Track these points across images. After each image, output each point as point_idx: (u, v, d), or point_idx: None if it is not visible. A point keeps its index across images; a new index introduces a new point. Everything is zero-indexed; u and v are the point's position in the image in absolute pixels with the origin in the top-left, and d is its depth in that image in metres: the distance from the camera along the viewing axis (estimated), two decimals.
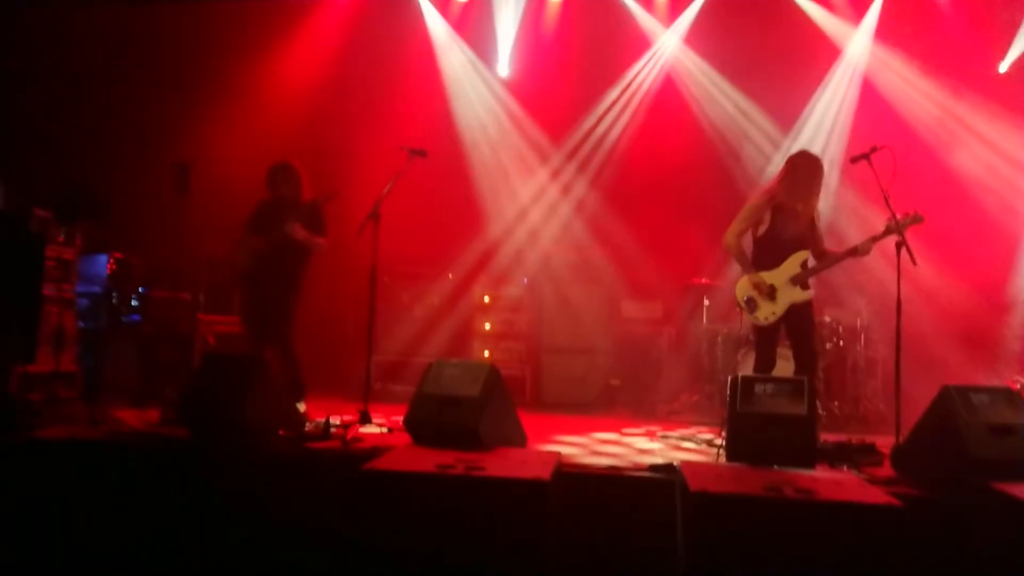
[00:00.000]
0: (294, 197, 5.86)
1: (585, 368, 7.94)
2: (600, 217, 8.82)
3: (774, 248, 5.35)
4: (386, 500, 3.43)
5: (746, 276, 5.41)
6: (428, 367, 4.63)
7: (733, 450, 4.27)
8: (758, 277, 5.33)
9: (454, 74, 9.23)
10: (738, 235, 5.48)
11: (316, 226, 5.80)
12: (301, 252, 5.84)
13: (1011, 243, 8.13)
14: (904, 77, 8.55)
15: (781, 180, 5.38)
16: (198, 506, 4.17)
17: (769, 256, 5.36)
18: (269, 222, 5.82)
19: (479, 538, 3.32)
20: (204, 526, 4.13)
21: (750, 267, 5.40)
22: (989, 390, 4.20)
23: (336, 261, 7.45)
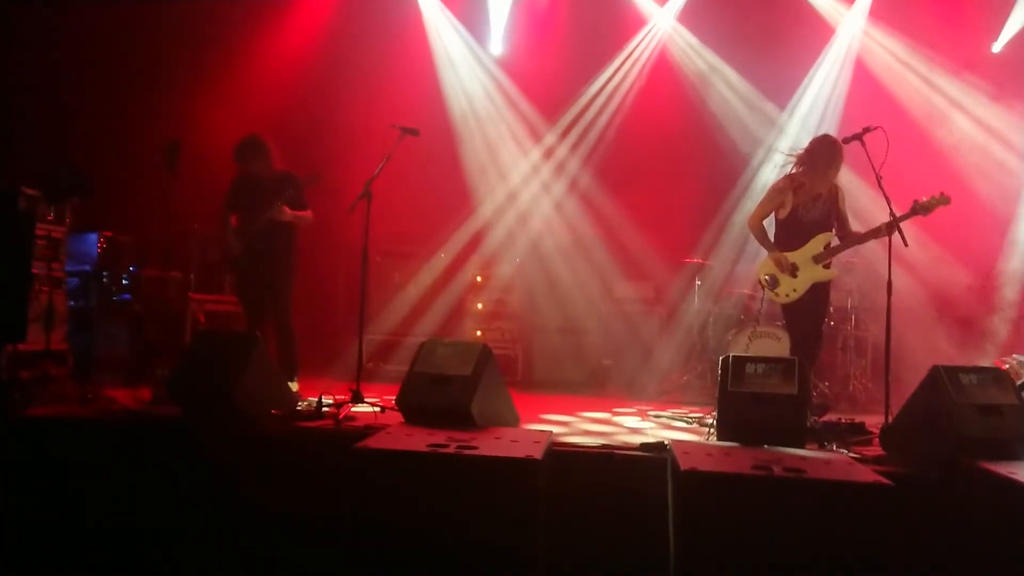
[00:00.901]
0: (265, 171, 5.84)
1: (577, 348, 7.95)
2: (592, 196, 8.81)
3: (797, 230, 5.40)
4: (378, 479, 3.44)
5: (769, 256, 5.46)
6: (420, 346, 4.64)
7: (724, 429, 4.30)
8: (780, 255, 5.38)
9: (446, 52, 9.16)
10: (761, 219, 5.57)
11: (296, 200, 5.79)
12: (291, 230, 5.84)
13: (1002, 224, 8.16)
14: (898, 57, 8.54)
15: (801, 164, 5.41)
16: (190, 484, 4.17)
17: (792, 238, 5.41)
18: (248, 199, 5.80)
19: (471, 517, 3.34)
20: (196, 504, 4.14)
21: (773, 248, 5.47)
22: (978, 370, 4.24)
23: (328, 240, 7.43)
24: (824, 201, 5.39)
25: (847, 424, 4.95)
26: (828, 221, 5.41)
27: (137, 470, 4.26)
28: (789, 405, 4.20)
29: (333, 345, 7.50)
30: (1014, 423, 4.01)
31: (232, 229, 5.90)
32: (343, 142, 8.23)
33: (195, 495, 4.15)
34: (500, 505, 3.32)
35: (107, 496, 4.23)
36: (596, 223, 8.61)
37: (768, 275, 5.46)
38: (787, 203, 5.42)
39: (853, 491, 3.19)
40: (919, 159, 7.64)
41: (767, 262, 5.47)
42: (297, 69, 8.75)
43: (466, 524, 3.33)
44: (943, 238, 7.72)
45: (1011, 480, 3.41)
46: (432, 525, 3.35)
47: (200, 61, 8.74)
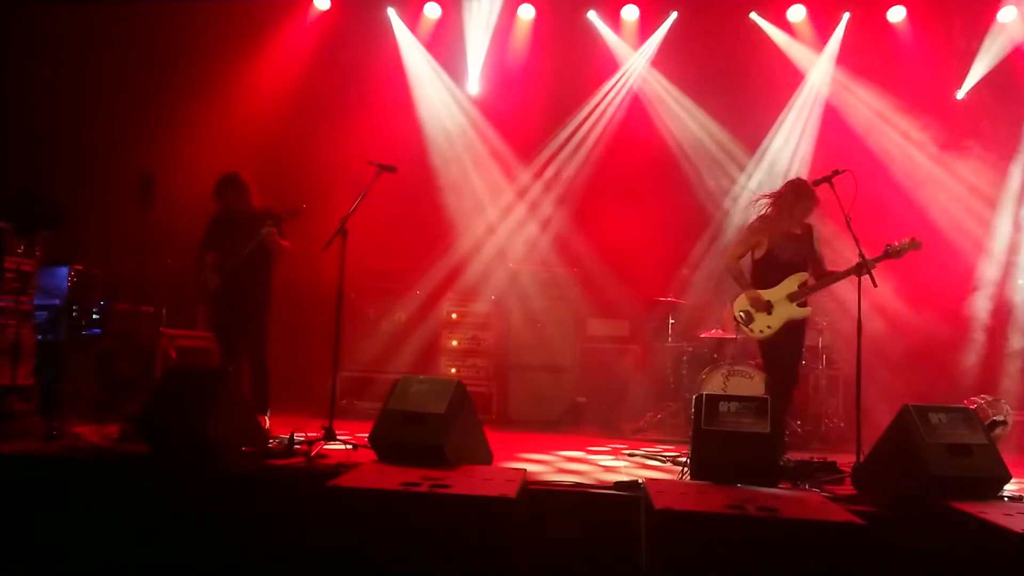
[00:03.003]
0: (245, 208, 5.85)
1: (551, 386, 7.96)
2: (567, 235, 8.88)
3: (773, 269, 5.46)
4: (350, 518, 3.39)
5: (744, 293, 5.52)
6: (394, 383, 4.61)
7: (697, 468, 4.31)
8: (756, 293, 5.45)
9: (424, 90, 9.25)
10: (737, 258, 5.62)
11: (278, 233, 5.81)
12: (267, 264, 5.84)
13: (968, 266, 8.32)
14: (865, 102, 8.76)
15: (774, 205, 5.51)
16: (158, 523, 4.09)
17: (768, 277, 5.48)
18: (227, 236, 5.80)
19: (445, 556, 3.30)
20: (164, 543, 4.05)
21: (748, 285, 5.53)
22: (947, 410, 4.28)
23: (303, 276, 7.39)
24: (798, 241, 5.47)
25: (820, 463, 4.99)
26: (803, 261, 5.48)
27: (103, 508, 4.17)
28: (762, 444, 4.22)
29: (306, 381, 7.45)
30: (983, 462, 4.06)
31: (210, 265, 5.88)
32: (320, 178, 8.23)
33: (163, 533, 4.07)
34: (474, 544, 3.29)
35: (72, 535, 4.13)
36: (571, 261, 8.67)
37: (743, 311, 5.52)
38: (762, 243, 5.49)
39: (826, 530, 3.20)
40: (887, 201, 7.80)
41: (743, 299, 5.53)
42: (274, 105, 8.78)
43: (439, 563, 3.28)
44: (912, 279, 7.86)
45: (981, 520, 3.43)
46: (405, 565, 3.30)
47: (176, 96, 8.74)
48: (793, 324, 5.40)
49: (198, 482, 4.22)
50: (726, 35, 8.84)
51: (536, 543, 3.73)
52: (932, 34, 8.51)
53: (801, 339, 5.57)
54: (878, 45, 8.67)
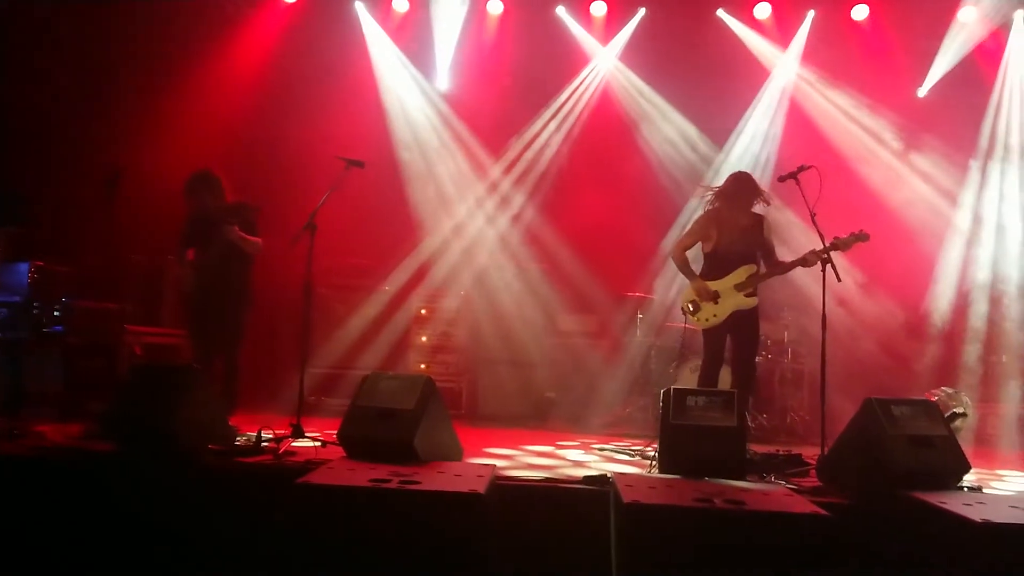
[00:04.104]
0: (218, 204, 5.79)
1: (521, 381, 7.98)
2: (537, 230, 8.89)
3: (722, 261, 5.52)
4: (320, 515, 3.37)
5: (691, 284, 5.57)
6: (363, 380, 4.60)
7: (666, 462, 4.35)
8: (702, 283, 5.50)
9: (392, 85, 9.20)
10: (683, 249, 5.68)
11: (247, 228, 5.76)
12: (244, 262, 5.79)
13: (929, 260, 8.48)
14: (829, 99, 8.88)
15: (719, 198, 5.54)
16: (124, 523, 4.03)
17: (717, 269, 5.53)
18: (202, 233, 5.74)
19: (415, 552, 3.29)
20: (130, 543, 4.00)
21: (695, 276, 5.57)
22: (909, 402, 4.37)
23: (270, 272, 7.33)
24: (748, 232, 5.52)
25: (785, 456, 5.05)
26: (752, 252, 5.53)
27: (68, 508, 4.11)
28: (729, 437, 4.27)
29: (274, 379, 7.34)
30: (944, 454, 4.14)
31: (188, 263, 5.82)
32: (287, 173, 8.17)
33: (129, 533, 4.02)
34: (443, 540, 3.29)
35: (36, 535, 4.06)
36: (540, 257, 8.69)
37: (690, 301, 5.57)
38: (712, 236, 5.55)
39: (791, 522, 3.25)
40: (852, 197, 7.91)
41: (689, 290, 5.60)
42: (242, 99, 8.67)
43: (409, 560, 3.28)
44: (875, 273, 8.00)
45: (942, 509, 3.50)
46: (375, 561, 3.29)
47: (143, 89, 8.60)
48: (741, 314, 5.44)
49: (165, 480, 4.17)
50: (693, 32, 8.91)
51: (506, 538, 3.73)
52: (894, 33, 8.64)
53: (755, 330, 5.61)
54: (842, 43, 8.79)
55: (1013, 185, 8.54)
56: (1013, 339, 7.76)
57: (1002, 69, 8.74)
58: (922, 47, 8.72)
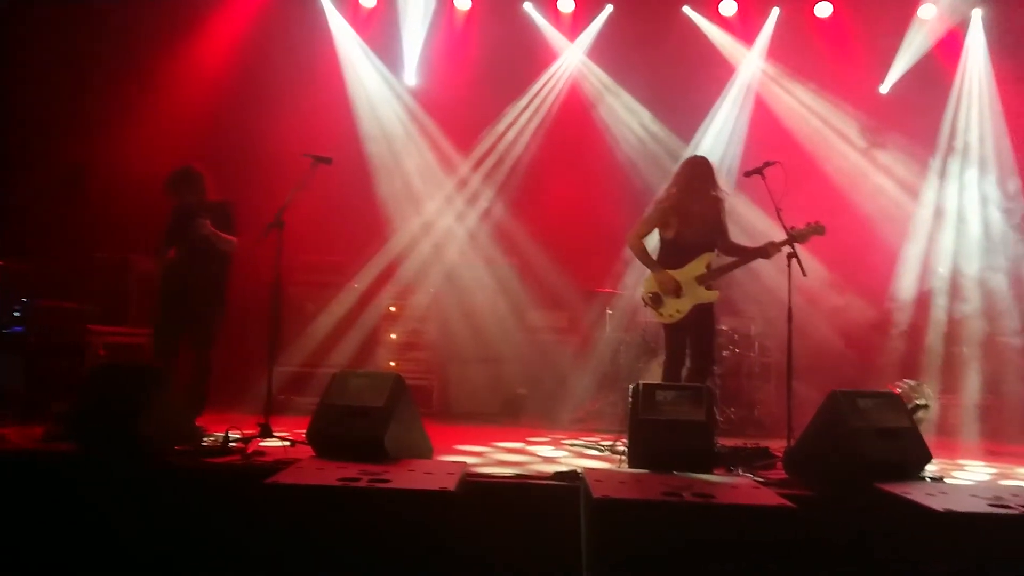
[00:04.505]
0: (199, 201, 5.72)
1: (491, 377, 7.98)
2: (506, 226, 8.89)
3: (681, 249, 5.41)
4: (289, 515, 3.35)
5: (652, 274, 5.44)
6: (332, 378, 4.57)
7: (635, 456, 4.38)
8: (665, 274, 5.36)
9: (360, 81, 9.13)
10: (641, 236, 5.55)
11: (225, 226, 5.69)
12: (222, 261, 5.71)
13: (892, 254, 8.62)
14: (793, 95, 9.00)
15: (676, 184, 5.53)
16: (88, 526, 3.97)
17: (675, 258, 5.41)
18: (183, 231, 5.66)
19: (385, 551, 3.29)
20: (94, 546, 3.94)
21: (656, 265, 5.43)
22: (874, 395, 4.44)
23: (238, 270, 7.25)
24: (705, 218, 5.44)
25: (753, 449, 5.11)
26: (711, 240, 5.45)
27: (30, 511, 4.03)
28: (698, 431, 4.31)
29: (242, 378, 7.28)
30: (907, 445, 4.22)
31: (170, 261, 5.73)
32: (254, 170, 8.07)
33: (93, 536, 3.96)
34: (414, 538, 3.29)
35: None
36: (510, 253, 8.69)
37: (651, 293, 5.42)
38: (671, 223, 5.44)
39: (758, 514, 3.29)
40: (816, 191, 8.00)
41: (650, 280, 5.44)
42: (207, 95, 8.56)
43: (379, 558, 3.27)
44: (840, 267, 8.12)
45: (906, 499, 3.57)
46: (345, 560, 3.28)
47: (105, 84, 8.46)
48: (702, 307, 5.37)
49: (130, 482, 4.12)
50: (660, 28, 8.98)
51: (477, 535, 3.73)
52: (857, 30, 8.76)
53: (713, 321, 5.54)
54: (806, 40, 8.90)
55: (972, 180, 8.71)
56: (973, 330, 7.92)
57: (961, 66, 8.91)
58: (884, 44, 8.87)
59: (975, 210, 8.62)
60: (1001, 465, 5.76)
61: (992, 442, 6.89)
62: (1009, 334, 7.82)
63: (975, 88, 8.85)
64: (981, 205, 8.60)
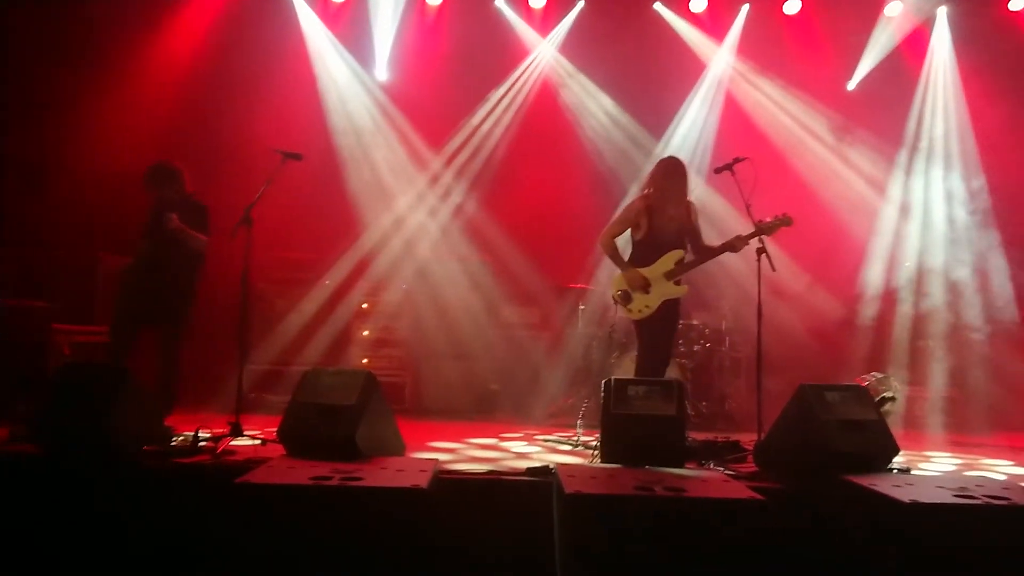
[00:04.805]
0: (177, 197, 5.66)
1: (464, 374, 7.97)
2: (479, 222, 8.88)
3: (652, 249, 5.48)
4: (260, 515, 3.32)
5: (622, 273, 5.52)
6: (303, 376, 4.54)
7: (607, 451, 4.40)
8: (634, 271, 5.44)
9: (330, 76, 9.05)
10: (613, 236, 5.62)
11: (197, 223, 5.61)
12: (192, 258, 5.62)
13: (860, 248, 8.74)
14: (763, 91, 9.08)
15: (651, 184, 5.57)
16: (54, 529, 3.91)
17: (647, 256, 5.49)
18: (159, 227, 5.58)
19: (358, 549, 3.27)
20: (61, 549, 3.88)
21: (625, 264, 5.52)
22: (841, 388, 4.49)
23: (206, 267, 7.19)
24: (678, 220, 5.52)
25: (723, 442, 5.16)
26: (681, 239, 5.52)
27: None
28: (669, 426, 4.34)
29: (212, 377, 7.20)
30: (874, 437, 4.28)
31: (136, 255, 5.65)
32: (222, 165, 7.96)
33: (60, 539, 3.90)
34: (387, 536, 3.27)
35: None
36: (482, 249, 8.68)
37: (620, 291, 5.50)
38: (642, 224, 5.50)
39: (728, 507, 3.32)
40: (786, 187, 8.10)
41: (620, 278, 5.53)
42: (174, 90, 8.43)
43: (353, 557, 3.26)
44: (809, 262, 8.21)
45: (873, 491, 3.62)
46: (318, 560, 3.26)
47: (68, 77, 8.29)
48: (669, 303, 5.45)
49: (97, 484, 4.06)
50: (631, 25, 9.02)
51: (450, 532, 3.73)
52: (825, 27, 8.87)
53: (676, 317, 5.65)
54: (775, 37, 8.99)
55: (937, 176, 8.86)
56: (938, 324, 8.05)
57: (926, 63, 9.05)
58: (851, 41, 8.99)
59: (940, 206, 8.77)
60: (966, 456, 5.86)
61: (957, 434, 7.02)
62: (973, 327, 7.96)
63: (940, 85, 9.00)
64: (946, 201, 8.75)
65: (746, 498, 3.37)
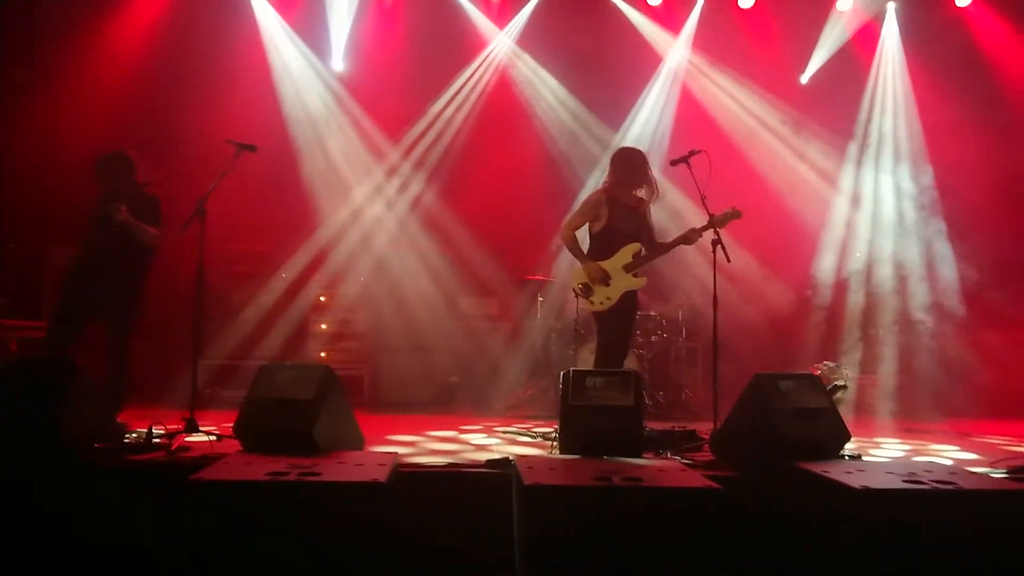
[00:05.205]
0: (129, 188, 5.52)
1: (423, 366, 7.94)
2: (437, 214, 8.85)
3: (609, 241, 5.52)
4: (216, 512, 3.28)
5: (582, 266, 5.55)
6: (259, 370, 4.48)
7: (566, 442, 4.42)
8: (594, 264, 5.48)
9: (285, 66, 8.92)
10: (573, 228, 5.65)
11: (148, 215, 5.48)
12: (143, 251, 5.49)
13: (813, 239, 8.90)
14: (719, 85, 9.18)
15: (612, 177, 5.61)
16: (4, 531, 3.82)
17: (606, 249, 5.53)
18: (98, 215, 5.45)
19: (317, 545, 3.25)
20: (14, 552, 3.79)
21: (585, 257, 5.56)
22: (794, 377, 4.57)
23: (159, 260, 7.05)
24: (634, 213, 5.59)
25: (681, 432, 5.22)
26: (639, 232, 5.58)
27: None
28: (627, 416, 4.37)
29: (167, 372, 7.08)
30: (827, 425, 4.36)
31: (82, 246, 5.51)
32: (175, 157, 7.82)
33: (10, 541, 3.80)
34: (346, 531, 3.25)
35: None
36: (441, 241, 8.65)
37: (581, 283, 5.55)
38: (602, 216, 5.55)
39: (685, 496, 3.35)
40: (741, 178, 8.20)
41: (580, 271, 5.57)
42: (125, 81, 8.22)
43: (311, 552, 3.23)
44: (763, 253, 8.34)
45: (825, 478, 3.69)
46: (276, 556, 3.23)
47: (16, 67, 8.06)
48: (628, 295, 5.51)
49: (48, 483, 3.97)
50: (589, 17, 9.04)
51: (409, 526, 3.73)
52: (779, 21, 8.99)
53: (635, 309, 5.72)
54: (730, 30, 9.08)
55: (887, 168, 9.06)
56: (887, 313, 8.25)
57: (876, 58, 9.23)
58: (804, 35, 9.12)
59: (889, 197, 8.97)
60: (915, 442, 6.01)
61: (906, 420, 7.20)
62: (921, 316, 8.17)
63: (889, 80, 9.19)
64: (895, 192, 8.95)
65: (702, 487, 3.41)
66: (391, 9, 8.99)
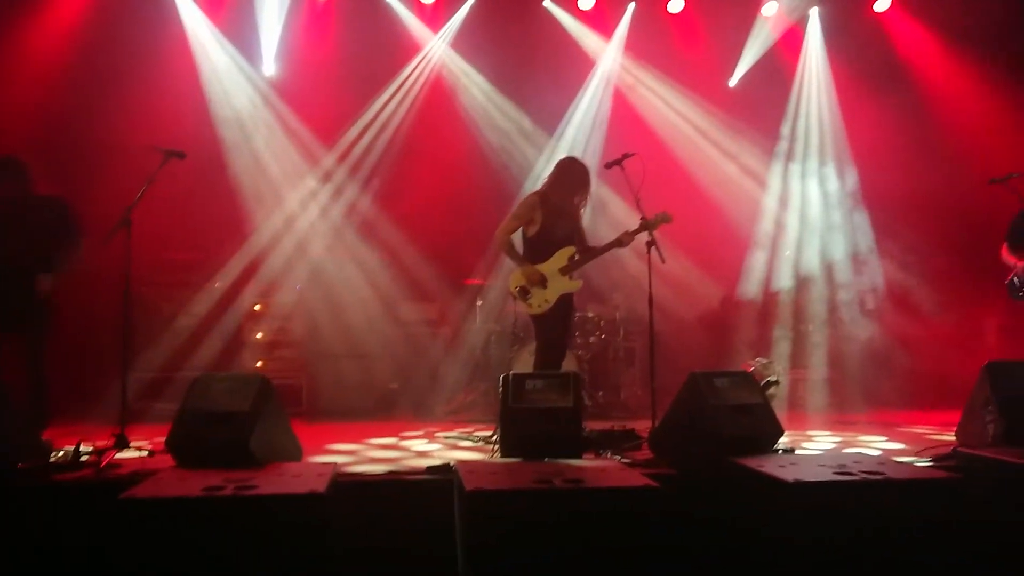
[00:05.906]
0: (21, 196, 5.30)
1: (362, 373, 7.85)
2: (373, 220, 8.76)
3: (545, 245, 5.59)
4: (150, 531, 3.19)
5: (519, 269, 5.59)
6: (193, 382, 4.39)
7: (507, 445, 4.44)
8: (531, 267, 5.53)
9: (213, 70, 8.68)
10: (509, 232, 5.69)
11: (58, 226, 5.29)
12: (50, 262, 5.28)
13: (743, 239, 9.12)
14: (651, 88, 9.33)
15: (551, 182, 5.66)
16: None
17: (541, 253, 5.59)
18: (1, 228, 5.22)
19: (256, 560, 3.18)
20: None
21: (523, 260, 5.61)
22: (729, 374, 4.68)
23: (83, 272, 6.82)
24: (569, 218, 5.68)
25: (620, 431, 5.28)
26: (572, 237, 5.67)
27: None
28: (566, 417, 4.41)
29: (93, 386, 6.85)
30: (761, 420, 4.48)
31: None
32: (98, 164, 7.58)
33: None
34: (285, 544, 3.20)
35: None
36: (378, 246, 8.57)
37: (519, 287, 5.60)
38: (536, 219, 5.60)
39: (624, 496, 3.39)
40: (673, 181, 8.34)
41: (517, 274, 5.61)
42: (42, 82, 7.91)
43: (250, 569, 3.17)
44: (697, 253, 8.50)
45: (760, 472, 3.79)
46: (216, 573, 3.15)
47: None
48: (565, 297, 5.59)
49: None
50: (522, 21, 9.08)
51: (350, 536, 3.69)
52: (706, 25, 9.17)
53: (572, 311, 5.82)
54: (660, 34, 9.23)
55: (812, 169, 9.34)
56: (816, 309, 8.50)
57: (801, 62, 9.50)
58: (731, 39, 9.32)
59: (816, 197, 9.24)
60: (844, 434, 6.20)
61: (836, 412, 7.42)
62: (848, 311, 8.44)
63: (814, 83, 9.46)
64: (821, 193, 9.23)
65: (641, 486, 3.46)
66: (322, 13, 8.87)
